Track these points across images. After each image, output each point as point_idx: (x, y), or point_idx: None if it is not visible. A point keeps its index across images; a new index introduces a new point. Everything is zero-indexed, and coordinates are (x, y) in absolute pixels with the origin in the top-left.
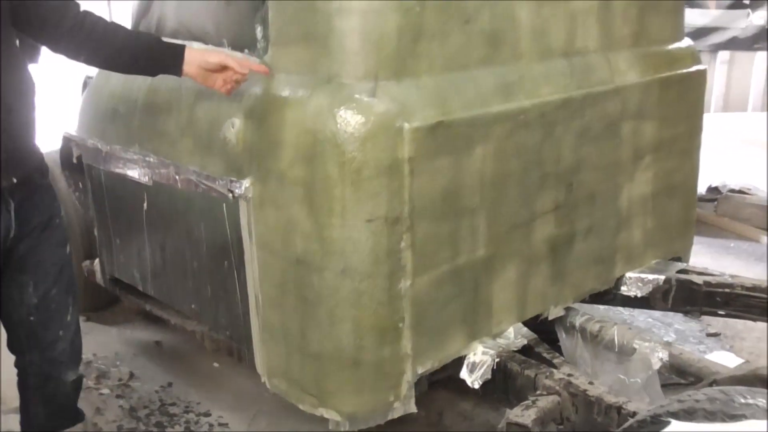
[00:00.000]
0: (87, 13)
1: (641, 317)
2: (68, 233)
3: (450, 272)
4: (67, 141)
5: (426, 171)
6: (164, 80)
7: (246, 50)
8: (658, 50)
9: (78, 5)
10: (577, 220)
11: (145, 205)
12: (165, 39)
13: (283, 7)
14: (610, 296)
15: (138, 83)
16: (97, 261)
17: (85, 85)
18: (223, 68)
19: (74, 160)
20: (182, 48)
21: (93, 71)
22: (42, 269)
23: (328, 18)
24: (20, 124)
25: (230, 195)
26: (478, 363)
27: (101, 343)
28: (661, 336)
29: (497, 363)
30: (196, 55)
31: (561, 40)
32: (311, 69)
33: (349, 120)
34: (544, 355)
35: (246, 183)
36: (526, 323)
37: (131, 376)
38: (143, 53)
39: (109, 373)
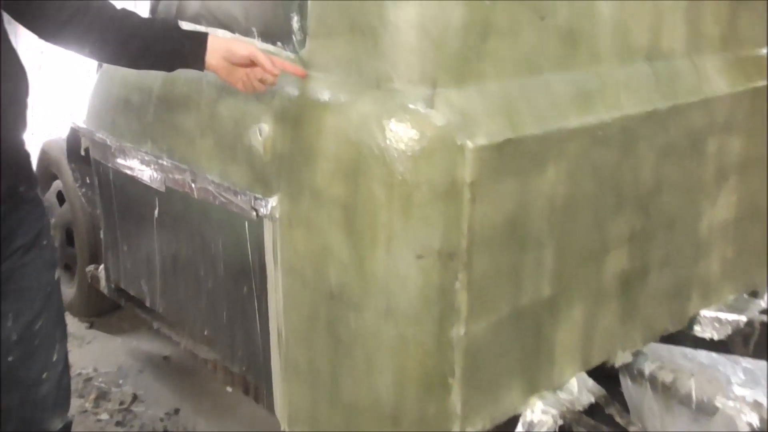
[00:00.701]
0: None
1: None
2: (57, 256)
3: (510, 315)
4: (74, 132)
5: (489, 196)
6: (183, 70)
7: (279, 43)
8: (750, 55)
9: None
10: (652, 250)
11: (156, 211)
12: (185, 26)
13: None
14: (680, 337)
15: (154, 71)
16: (102, 267)
17: (99, 67)
18: (251, 63)
19: (82, 152)
20: (205, 35)
21: None
22: (25, 297)
23: (380, 8)
24: (10, 128)
25: (254, 213)
26: (536, 423)
27: (105, 354)
28: (728, 376)
29: (560, 426)
30: (221, 43)
31: (644, 40)
32: (357, 69)
33: (401, 134)
34: (617, 419)
35: (273, 201)
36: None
37: (134, 398)
38: (157, 42)
39: (110, 393)
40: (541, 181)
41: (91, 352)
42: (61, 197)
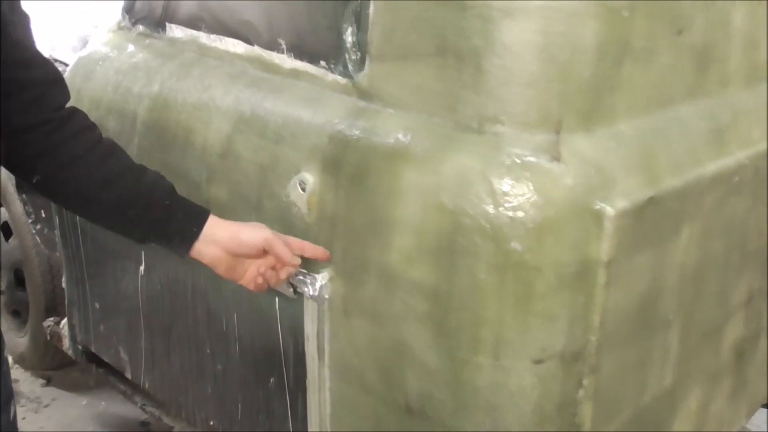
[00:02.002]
0: (75, 113)
1: None
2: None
3: (631, 419)
4: None
5: (624, 277)
6: (182, 88)
7: (322, 62)
8: None
9: (67, 93)
10: (764, 309)
11: (142, 267)
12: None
13: None
14: None
15: (138, 87)
16: (64, 322)
17: None
18: (263, 253)
19: (34, 181)
20: (205, 214)
21: (61, 52)
22: None
23: (485, 23)
24: None
25: (290, 289)
26: None
27: (67, 420)
28: None
29: None
30: (225, 231)
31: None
32: (447, 105)
33: (518, 198)
34: None
35: (322, 279)
36: None
37: None
38: (138, 201)
39: None
40: (676, 248)
41: (50, 418)
42: (6, 229)
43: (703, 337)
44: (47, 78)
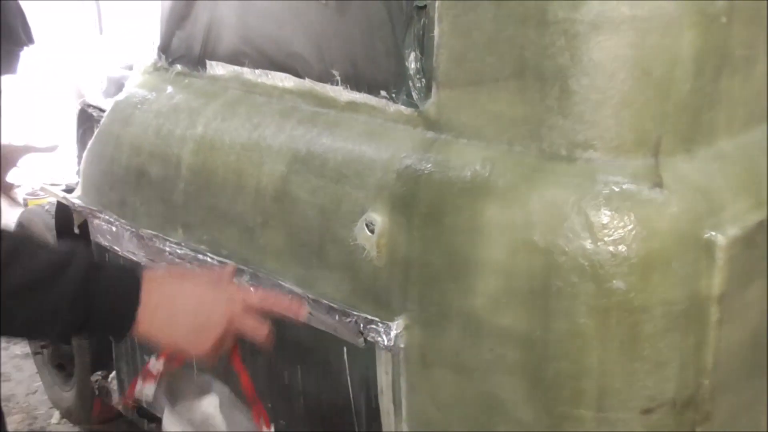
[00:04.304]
0: None
1: None
2: None
3: None
4: (64, 207)
5: (737, 310)
6: (229, 129)
7: (383, 92)
8: None
9: None
10: None
11: None
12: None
13: (471, 17)
14: None
15: (181, 129)
16: (113, 376)
17: (82, 117)
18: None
19: (75, 230)
20: (135, 279)
21: (92, 95)
22: None
23: (571, 38)
24: None
25: (360, 338)
26: None
27: None
28: None
29: None
30: (190, 296)
31: None
32: (530, 133)
33: (618, 230)
34: None
35: (396, 327)
36: None
37: None
38: (50, 280)
39: None
40: None
41: None
42: None
43: None
44: None
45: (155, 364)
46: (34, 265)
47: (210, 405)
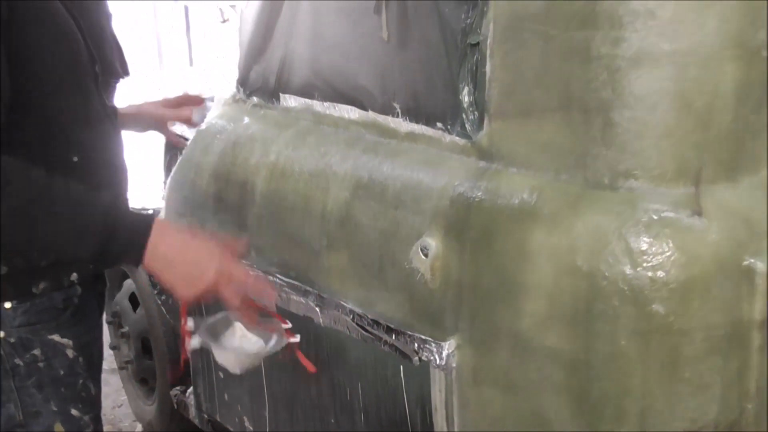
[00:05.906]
0: None
1: None
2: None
3: None
4: None
5: None
6: (299, 157)
7: (439, 124)
8: None
9: None
10: None
11: None
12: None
13: (520, 54)
14: None
15: (256, 158)
16: (190, 391)
17: (168, 145)
18: None
19: None
20: (149, 220)
21: (178, 125)
22: None
23: (613, 72)
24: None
25: (415, 357)
26: None
27: None
28: None
29: None
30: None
31: None
32: (575, 162)
33: (656, 256)
34: None
35: (448, 347)
36: None
37: None
38: (71, 209)
39: None
40: None
41: None
42: (134, 300)
43: None
44: None
45: (189, 323)
46: (73, 189)
47: (239, 330)
